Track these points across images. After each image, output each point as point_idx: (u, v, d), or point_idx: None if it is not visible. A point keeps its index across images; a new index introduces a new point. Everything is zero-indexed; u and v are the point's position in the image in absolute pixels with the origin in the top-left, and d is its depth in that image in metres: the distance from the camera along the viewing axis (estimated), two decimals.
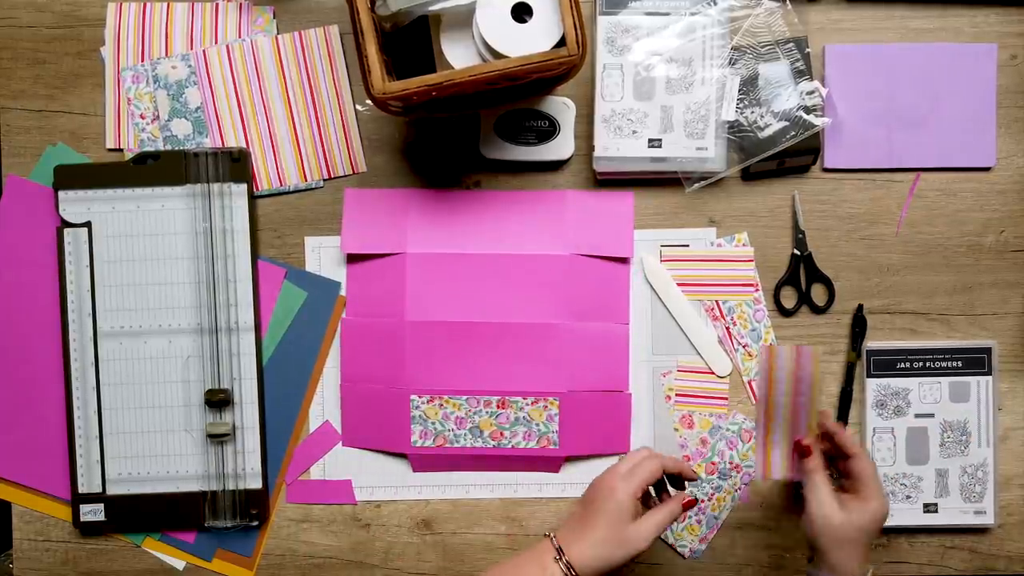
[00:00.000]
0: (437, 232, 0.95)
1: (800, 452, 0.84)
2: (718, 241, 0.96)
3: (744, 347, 0.96)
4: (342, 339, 0.96)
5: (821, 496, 0.82)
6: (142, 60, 0.96)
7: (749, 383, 0.96)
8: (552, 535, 0.81)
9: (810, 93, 0.92)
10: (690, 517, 0.96)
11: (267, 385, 0.96)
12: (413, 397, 0.95)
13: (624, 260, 0.96)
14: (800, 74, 0.92)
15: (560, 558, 0.79)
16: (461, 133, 0.96)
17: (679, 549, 0.96)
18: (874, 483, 0.82)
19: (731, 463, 0.96)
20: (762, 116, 0.92)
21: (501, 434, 0.96)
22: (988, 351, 0.95)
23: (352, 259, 0.97)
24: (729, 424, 0.96)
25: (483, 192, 0.96)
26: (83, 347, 0.94)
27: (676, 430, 0.96)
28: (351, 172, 0.97)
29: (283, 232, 0.97)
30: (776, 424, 0.87)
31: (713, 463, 0.96)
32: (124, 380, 0.95)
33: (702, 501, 0.96)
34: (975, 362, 0.95)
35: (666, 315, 0.96)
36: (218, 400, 0.94)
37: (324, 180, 0.97)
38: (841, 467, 0.85)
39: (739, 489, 0.96)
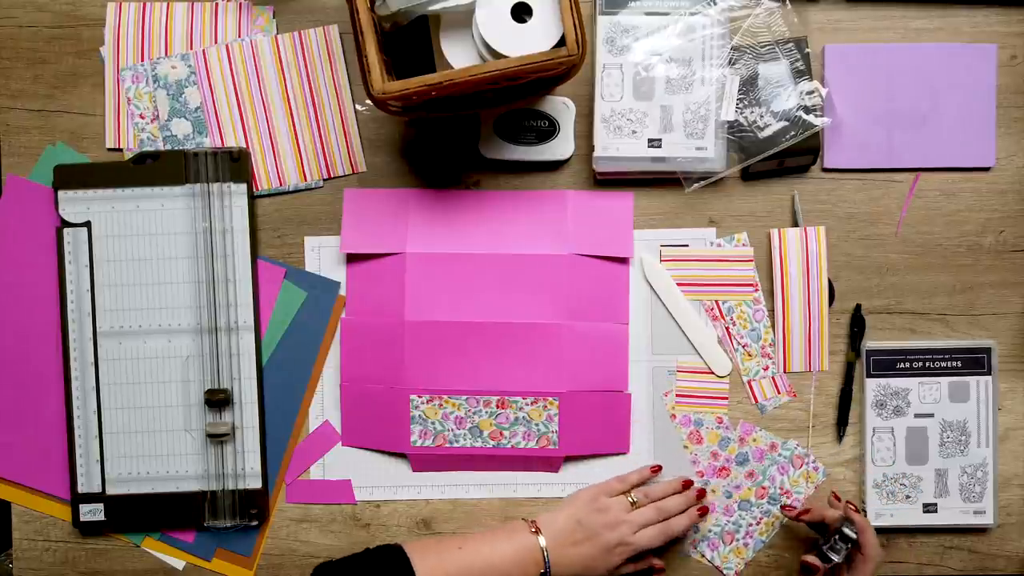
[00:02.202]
0: (436, 232, 0.95)
1: (806, 571, 0.88)
2: (718, 241, 0.96)
3: (744, 347, 0.96)
4: (342, 339, 0.96)
5: None
6: (142, 60, 0.96)
7: (749, 383, 0.96)
8: (537, 529, 0.89)
9: (810, 93, 0.92)
10: (737, 540, 0.96)
11: (267, 385, 0.96)
12: (413, 397, 0.95)
13: (624, 260, 0.96)
14: (800, 74, 0.92)
15: (543, 548, 0.87)
16: (461, 133, 0.96)
17: (724, 571, 0.95)
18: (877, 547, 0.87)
19: (781, 488, 0.96)
20: (762, 116, 0.92)
21: (501, 434, 0.96)
22: (988, 351, 0.95)
23: (352, 259, 0.97)
24: (781, 450, 0.96)
25: (483, 192, 0.96)
26: (83, 347, 0.94)
27: (686, 447, 0.96)
28: (351, 172, 0.97)
29: (283, 232, 0.97)
30: (791, 313, 0.91)
31: (764, 488, 0.96)
32: (124, 380, 0.95)
33: (751, 525, 0.96)
34: (975, 362, 0.95)
35: (666, 315, 0.96)
36: (218, 400, 0.94)
37: (324, 180, 0.97)
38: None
39: None
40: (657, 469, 0.94)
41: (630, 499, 0.90)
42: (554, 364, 0.95)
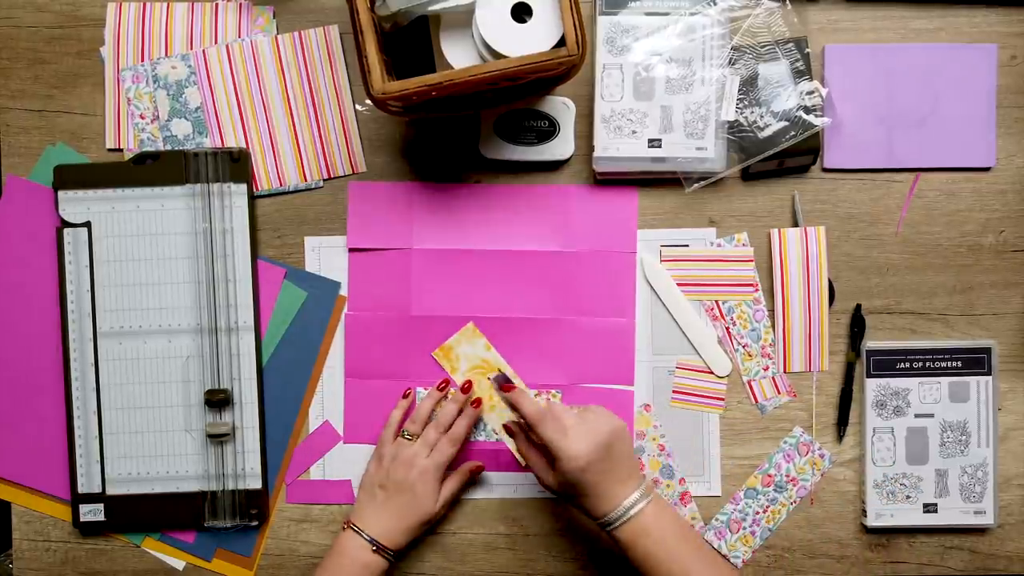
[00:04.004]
0: (442, 228, 0.96)
1: (509, 432, 0.87)
2: (718, 241, 0.96)
3: (744, 347, 0.96)
4: (346, 334, 0.96)
5: (537, 466, 0.86)
6: (142, 60, 0.96)
7: (749, 383, 0.96)
8: (349, 523, 0.90)
9: (810, 93, 0.92)
10: (745, 528, 0.96)
11: (267, 385, 0.96)
12: (419, 390, 0.95)
13: (629, 255, 0.96)
14: (800, 74, 0.92)
15: (368, 540, 0.88)
16: (461, 133, 0.96)
17: (732, 559, 0.95)
18: (555, 442, 0.82)
19: (787, 476, 0.96)
20: (762, 116, 0.92)
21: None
22: (988, 351, 0.95)
23: (354, 252, 0.97)
24: (787, 437, 0.96)
25: (488, 187, 0.96)
26: (83, 347, 0.94)
27: None
28: (351, 172, 0.97)
29: (283, 232, 0.97)
30: (792, 313, 0.91)
31: (770, 476, 0.96)
32: (124, 380, 0.95)
33: (757, 513, 0.96)
34: (975, 362, 0.95)
35: (666, 315, 0.96)
36: (218, 400, 0.94)
37: (324, 180, 0.97)
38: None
39: (795, 502, 0.96)
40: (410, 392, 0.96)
41: (405, 436, 0.91)
42: (559, 359, 0.95)
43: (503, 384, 0.91)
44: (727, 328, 0.96)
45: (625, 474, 0.83)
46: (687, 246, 0.96)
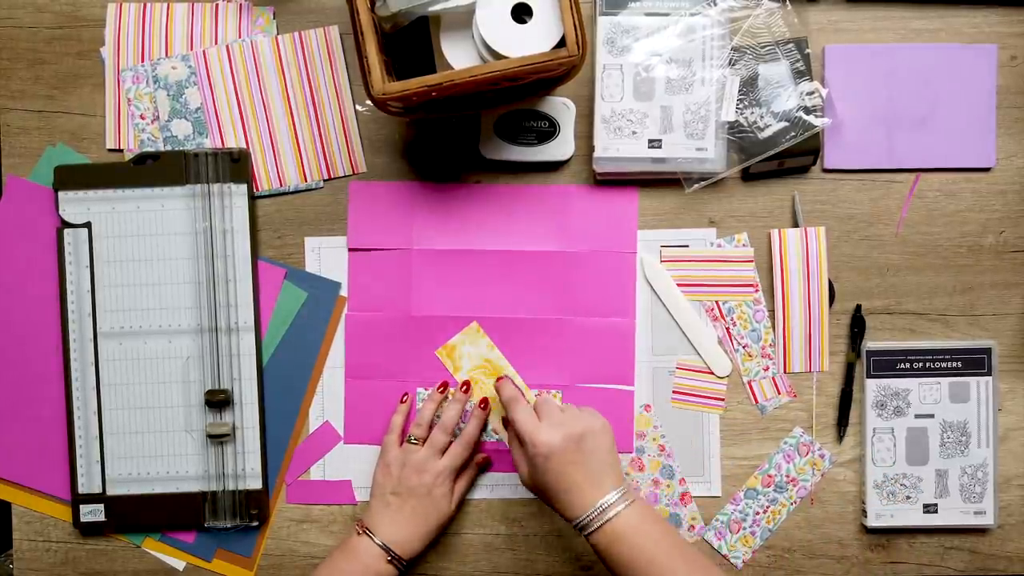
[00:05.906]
0: (442, 227, 0.96)
1: (505, 425, 0.85)
2: (718, 241, 0.96)
3: (744, 348, 0.96)
4: (346, 334, 0.96)
5: (516, 460, 0.84)
6: (142, 60, 0.96)
7: (749, 383, 0.96)
8: (364, 528, 0.89)
9: (810, 94, 0.92)
10: (745, 528, 0.96)
11: (267, 385, 0.96)
12: (419, 390, 0.95)
13: (629, 255, 0.96)
14: (800, 75, 0.92)
15: (382, 547, 0.88)
16: (461, 133, 0.96)
17: (732, 560, 0.95)
18: (524, 426, 0.81)
19: (787, 476, 0.96)
20: (762, 117, 0.92)
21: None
22: (988, 351, 0.95)
23: (355, 252, 0.97)
24: (787, 438, 0.96)
25: (488, 187, 0.96)
26: (83, 347, 0.94)
27: (628, 473, 0.96)
28: (351, 172, 0.97)
29: (283, 232, 0.97)
30: (792, 313, 0.91)
31: (770, 476, 0.96)
32: (124, 380, 0.95)
33: (757, 513, 0.96)
34: (975, 362, 0.95)
35: (666, 315, 0.96)
36: (218, 400, 0.94)
37: (324, 180, 0.97)
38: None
39: (795, 503, 0.96)
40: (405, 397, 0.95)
41: (411, 441, 0.91)
42: (559, 359, 0.95)
43: (499, 377, 0.90)
44: (727, 328, 0.96)
45: (599, 475, 0.79)
46: (687, 246, 0.96)
